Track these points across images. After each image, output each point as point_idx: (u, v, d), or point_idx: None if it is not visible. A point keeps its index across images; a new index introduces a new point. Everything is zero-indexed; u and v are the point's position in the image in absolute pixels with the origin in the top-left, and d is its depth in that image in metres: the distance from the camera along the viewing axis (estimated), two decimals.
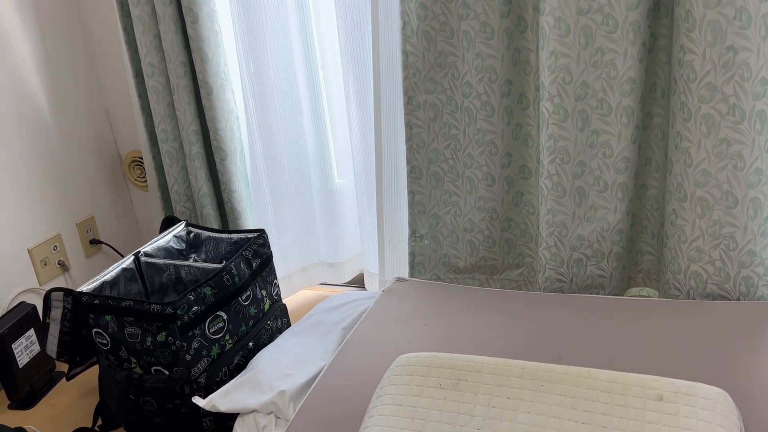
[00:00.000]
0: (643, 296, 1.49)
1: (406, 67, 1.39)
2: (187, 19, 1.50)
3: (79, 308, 1.26)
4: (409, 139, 1.46)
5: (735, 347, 1.09)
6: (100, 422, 1.40)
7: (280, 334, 1.44)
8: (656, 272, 1.44)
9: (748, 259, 1.24)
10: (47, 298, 1.26)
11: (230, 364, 1.29)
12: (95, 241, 1.85)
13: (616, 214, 1.35)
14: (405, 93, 1.42)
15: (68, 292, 1.25)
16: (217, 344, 1.27)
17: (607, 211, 1.35)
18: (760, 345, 1.09)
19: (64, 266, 1.76)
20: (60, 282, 1.75)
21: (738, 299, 1.28)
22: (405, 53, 1.38)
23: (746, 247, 1.24)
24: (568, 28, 1.21)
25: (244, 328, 1.34)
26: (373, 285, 1.78)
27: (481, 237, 1.51)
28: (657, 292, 1.46)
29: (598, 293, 1.43)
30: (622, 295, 1.47)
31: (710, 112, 1.17)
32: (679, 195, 1.27)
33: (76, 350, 1.32)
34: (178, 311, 1.18)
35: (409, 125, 1.45)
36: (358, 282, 1.91)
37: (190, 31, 1.51)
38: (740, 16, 1.09)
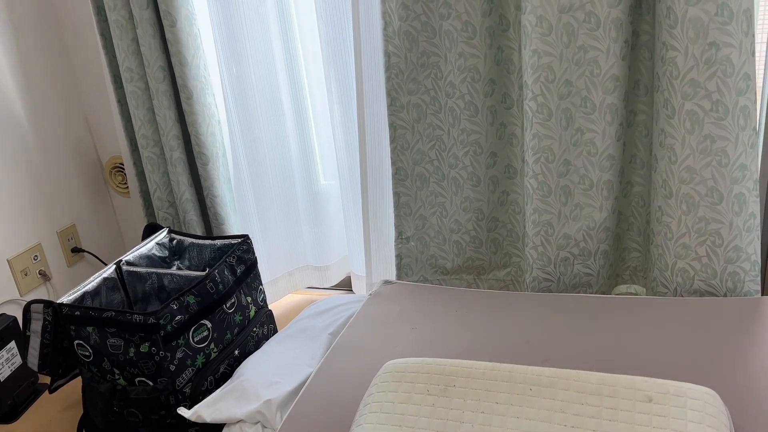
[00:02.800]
0: (631, 293, 1.49)
1: (388, 68, 1.37)
2: (165, 22, 1.47)
3: (60, 320, 1.24)
4: (393, 140, 1.45)
5: (723, 344, 1.08)
6: None
7: (266, 340, 1.42)
8: (643, 269, 1.44)
9: (734, 254, 1.24)
10: (27, 311, 1.24)
11: (216, 373, 1.27)
12: (77, 250, 1.82)
13: (602, 212, 1.34)
14: (388, 94, 1.40)
15: (48, 304, 1.23)
16: (201, 353, 1.25)
17: (593, 209, 1.34)
18: (748, 341, 1.08)
19: (45, 276, 1.73)
20: (41, 292, 1.72)
21: (725, 295, 1.28)
22: (387, 54, 1.36)
23: (732, 243, 1.24)
24: (550, 26, 1.20)
25: (229, 336, 1.32)
26: (360, 288, 1.77)
27: (467, 237, 1.50)
28: (644, 289, 1.45)
29: (585, 292, 1.42)
30: (610, 293, 1.46)
31: (694, 108, 1.17)
32: (665, 192, 1.27)
33: (58, 362, 1.29)
34: (161, 321, 1.16)
35: (393, 126, 1.44)
36: (346, 285, 1.89)
37: (168, 35, 1.49)
38: (722, 12, 1.09)
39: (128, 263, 1.42)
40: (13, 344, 1.49)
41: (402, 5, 1.31)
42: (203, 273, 1.35)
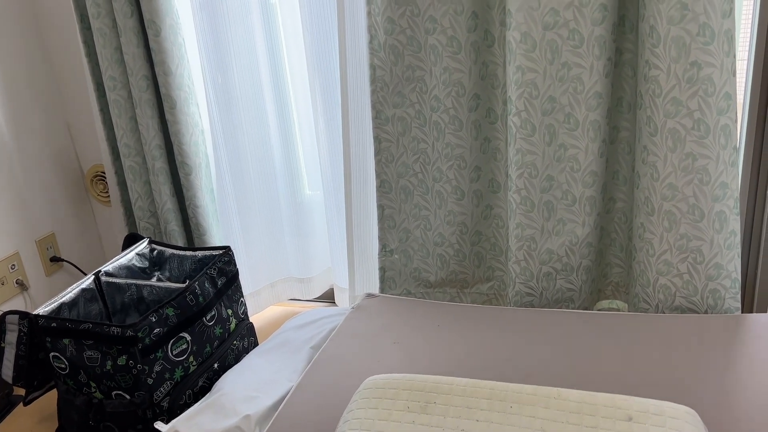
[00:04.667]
0: (613, 309, 1.49)
1: (373, 81, 1.37)
2: (149, 31, 1.46)
3: (36, 331, 1.22)
4: (378, 153, 1.45)
5: (703, 362, 1.09)
6: None
7: (246, 353, 1.40)
8: (625, 285, 1.44)
9: (714, 272, 1.25)
10: (2, 322, 1.21)
11: (194, 386, 1.25)
12: (56, 259, 1.79)
13: (584, 227, 1.35)
14: (373, 107, 1.40)
15: (24, 315, 1.21)
16: (180, 366, 1.23)
17: (575, 224, 1.35)
18: (728, 359, 1.09)
19: (22, 285, 1.70)
20: (18, 302, 1.69)
21: (706, 312, 1.29)
22: (372, 67, 1.36)
23: (713, 260, 1.24)
24: (535, 43, 1.21)
25: (208, 349, 1.30)
26: (343, 300, 1.76)
27: (451, 251, 1.50)
28: (626, 305, 1.46)
29: (568, 307, 1.42)
30: (592, 308, 1.46)
31: (676, 126, 1.17)
32: (647, 209, 1.27)
33: (34, 374, 1.27)
34: (139, 334, 1.14)
35: (377, 139, 1.43)
36: (328, 297, 1.88)
37: (152, 44, 1.48)
38: (703, 32, 1.10)
39: (107, 274, 1.40)
40: None
41: (388, 19, 1.31)
42: (183, 285, 1.34)
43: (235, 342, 1.38)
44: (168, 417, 1.20)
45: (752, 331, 1.16)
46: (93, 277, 1.38)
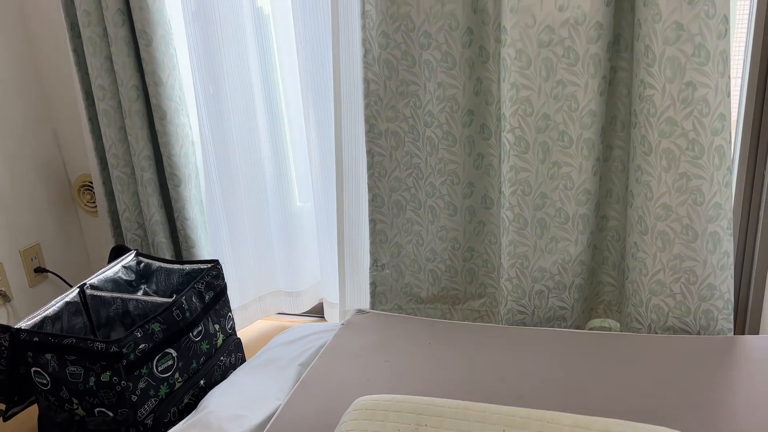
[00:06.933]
0: (605, 328, 1.48)
1: (367, 94, 1.36)
2: (140, 41, 1.45)
3: (18, 345, 1.18)
4: (370, 167, 1.43)
5: (696, 384, 1.08)
6: None
7: (233, 370, 1.38)
8: (617, 304, 1.43)
9: (708, 293, 1.24)
10: None
11: (180, 404, 1.22)
12: (40, 270, 1.76)
13: (577, 245, 1.34)
14: (366, 121, 1.39)
15: (5, 329, 1.18)
16: (165, 383, 1.20)
17: (568, 242, 1.34)
18: (721, 381, 1.08)
19: (5, 297, 1.66)
20: (0, 313, 1.66)
21: (698, 333, 1.28)
22: (366, 81, 1.35)
23: (706, 281, 1.24)
24: (530, 60, 1.20)
25: (195, 365, 1.28)
26: (332, 315, 1.74)
27: (443, 267, 1.49)
28: (618, 324, 1.45)
29: (560, 325, 1.41)
30: (584, 327, 1.45)
31: (670, 146, 1.17)
32: (640, 228, 1.26)
33: (14, 389, 1.24)
34: (124, 350, 1.12)
35: (370, 153, 1.42)
36: (318, 312, 1.86)
37: (143, 54, 1.46)
38: (699, 52, 1.10)
39: (92, 287, 1.37)
40: None
41: (382, 33, 1.30)
42: (170, 300, 1.31)
43: (222, 358, 1.35)
44: None
45: (745, 352, 1.16)
46: (78, 290, 1.35)
